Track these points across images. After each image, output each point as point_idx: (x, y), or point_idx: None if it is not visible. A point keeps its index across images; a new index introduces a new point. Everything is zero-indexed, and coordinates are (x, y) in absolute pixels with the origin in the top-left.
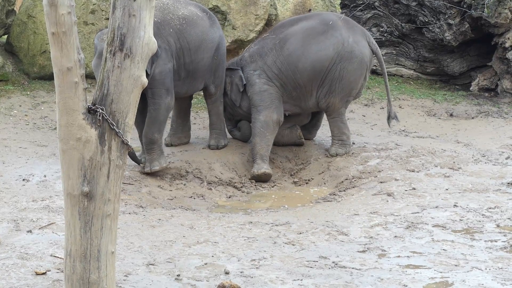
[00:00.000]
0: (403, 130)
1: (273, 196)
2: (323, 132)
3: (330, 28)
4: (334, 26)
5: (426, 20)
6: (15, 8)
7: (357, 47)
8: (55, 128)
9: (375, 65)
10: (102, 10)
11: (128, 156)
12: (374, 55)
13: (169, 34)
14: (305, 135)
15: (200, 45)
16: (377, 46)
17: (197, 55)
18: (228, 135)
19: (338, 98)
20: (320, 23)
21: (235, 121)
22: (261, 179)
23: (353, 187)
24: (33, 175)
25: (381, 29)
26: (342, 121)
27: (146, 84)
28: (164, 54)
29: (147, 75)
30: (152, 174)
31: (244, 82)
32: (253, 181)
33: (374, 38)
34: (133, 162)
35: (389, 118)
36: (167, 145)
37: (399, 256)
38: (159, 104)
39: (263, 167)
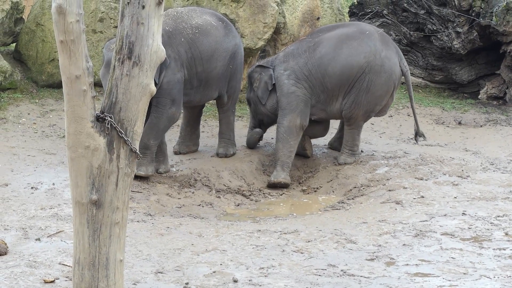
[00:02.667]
0: (412, 139)
1: (282, 204)
2: (324, 140)
3: (366, 37)
4: (370, 36)
5: (435, 28)
6: (23, 16)
7: (388, 62)
8: (63, 136)
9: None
10: (111, 18)
11: None
12: (402, 76)
13: (180, 43)
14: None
15: (213, 54)
16: (408, 69)
17: (210, 64)
18: (237, 143)
19: (362, 111)
20: (356, 31)
21: (258, 120)
22: (277, 187)
23: (361, 195)
24: (41, 183)
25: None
26: (359, 133)
27: (155, 92)
28: (173, 64)
29: (155, 84)
30: (160, 182)
31: (274, 82)
32: (270, 188)
33: None
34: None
35: (416, 135)
36: (175, 153)
37: (407, 264)
38: (161, 113)
39: (281, 176)
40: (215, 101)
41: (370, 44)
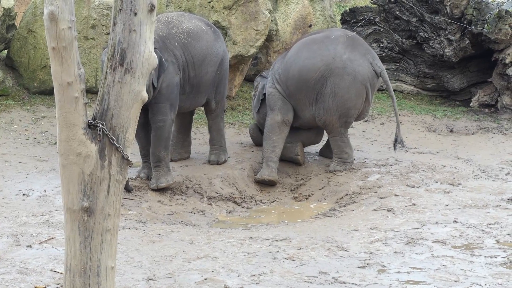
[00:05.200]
0: (403, 146)
1: (273, 211)
2: (316, 147)
3: (329, 41)
4: (333, 40)
5: (427, 36)
6: (15, 23)
7: (350, 65)
8: (55, 143)
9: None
10: (103, 25)
11: None
12: (379, 77)
13: (175, 47)
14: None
15: (204, 59)
16: (383, 69)
17: (201, 69)
18: (229, 150)
19: (335, 117)
20: (323, 35)
21: (258, 128)
22: (265, 183)
23: (353, 203)
24: (33, 190)
25: (382, 45)
26: (343, 140)
27: (147, 99)
28: (171, 68)
29: (154, 88)
30: (152, 189)
31: (264, 91)
32: (259, 187)
33: None
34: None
35: (395, 141)
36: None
37: (399, 272)
38: (164, 121)
39: (264, 173)
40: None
41: (330, 47)
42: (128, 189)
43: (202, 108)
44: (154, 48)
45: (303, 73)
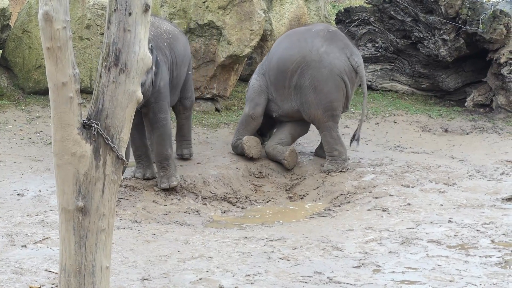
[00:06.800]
0: (398, 146)
1: (268, 211)
2: (311, 147)
3: (308, 34)
4: (313, 34)
5: (421, 36)
6: (10, 23)
7: (326, 58)
8: (50, 143)
9: (370, 81)
10: (97, 25)
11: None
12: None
13: (164, 47)
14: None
15: (183, 59)
16: (360, 64)
17: (181, 69)
18: (224, 150)
19: (319, 111)
20: (306, 28)
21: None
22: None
23: (348, 203)
24: (28, 190)
25: (376, 45)
26: (332, 136)
27: (141, 99)
28: (164, 67)
29: (153, 88)
30: (147, 189)
31: None
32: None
33: (368, 54)
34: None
35: (353, 138)
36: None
37: (393, 272)
38: (166, 119)
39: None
40: (198, 108)
41: (308, 40)
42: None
43: (197, 108)
44: (151, 47)
45: (280, 63)
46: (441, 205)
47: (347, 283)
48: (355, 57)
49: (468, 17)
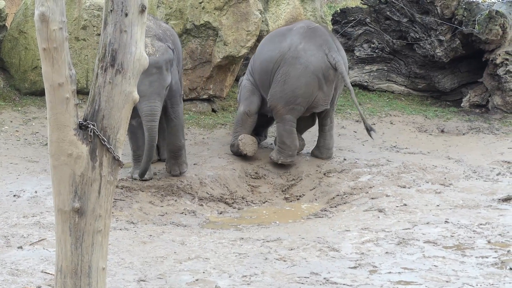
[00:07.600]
0: (394, 146)
1: (265, 212)
2: (307, 148)
3: (288, 32)
4: (293, 31)
5: (417, 37)
6: (6, 24)
7: (304, 55)
8: (46, 144)
9: (366, 82)
10: (94, 26)
11: None
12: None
13: (171, 44)
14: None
15: (179, 57)
16: (338, 60)
17: (181, 65)
18: (221, 151)
19: (281, 102)
20: (287, 27)
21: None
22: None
23: (344, 203)
24: (24, 191)
25: (372, 45)
26: (285, 129)
27: (138, 100)
28: (174, 64)
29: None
30: (143, 190)
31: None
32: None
33: (365, 54)
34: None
35: (367, 131)
36: (158, 160)
37: (390, 272)
38: (178, 111)
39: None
40: (194, 108)
41: (288, 39)
42: None
43: (194, 109)
44: (168, 44)
45: (263, 64)
46: (438, 205)
47: (344, 284)
48: (333, 53)
49: (464, 18)
